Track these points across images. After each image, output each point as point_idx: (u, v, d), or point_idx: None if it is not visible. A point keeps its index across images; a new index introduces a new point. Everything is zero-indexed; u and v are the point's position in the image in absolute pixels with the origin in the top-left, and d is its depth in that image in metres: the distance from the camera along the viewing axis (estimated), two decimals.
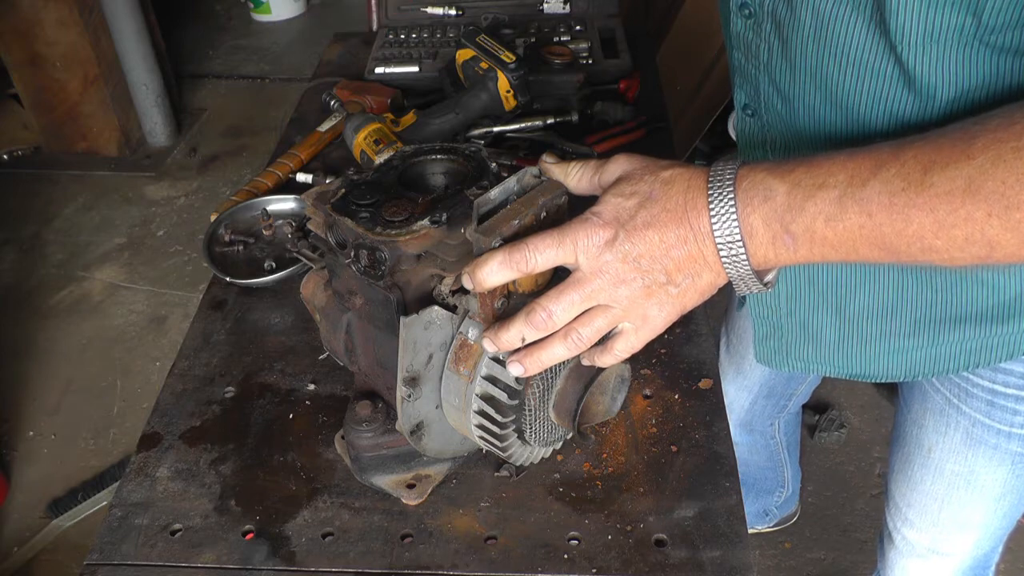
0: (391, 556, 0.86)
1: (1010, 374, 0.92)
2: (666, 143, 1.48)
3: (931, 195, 0.56)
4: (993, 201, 0.55)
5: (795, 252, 0.62)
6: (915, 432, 1.09)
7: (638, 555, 0.84)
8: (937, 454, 1.07)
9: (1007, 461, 1.00)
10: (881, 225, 0.58)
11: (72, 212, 3.26)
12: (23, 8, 3.12)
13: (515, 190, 0.73)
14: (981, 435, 0.99)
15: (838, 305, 0.94)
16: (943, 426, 1.04)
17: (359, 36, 1.87)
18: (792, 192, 0.60)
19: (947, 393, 1.01)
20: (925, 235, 0.58)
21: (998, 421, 0.96)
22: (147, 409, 1.03)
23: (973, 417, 0.99)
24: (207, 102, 3.92)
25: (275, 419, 1.01)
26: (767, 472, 1.76)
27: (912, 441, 1.11)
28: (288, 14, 4.59)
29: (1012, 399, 0.94)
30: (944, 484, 1.09)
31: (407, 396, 0.78)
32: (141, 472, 0.96)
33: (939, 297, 0.87)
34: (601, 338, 0.70)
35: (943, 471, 1.08)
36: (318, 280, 0.91)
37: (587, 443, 0.88)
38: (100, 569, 0.86)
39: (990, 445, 1.00)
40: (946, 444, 1.05)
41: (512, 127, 1.46)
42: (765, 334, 1.05)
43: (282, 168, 1.41)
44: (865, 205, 0.58)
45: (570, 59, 1.53)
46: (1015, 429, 0.96)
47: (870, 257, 0.61)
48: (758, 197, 0.61)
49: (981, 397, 0.96)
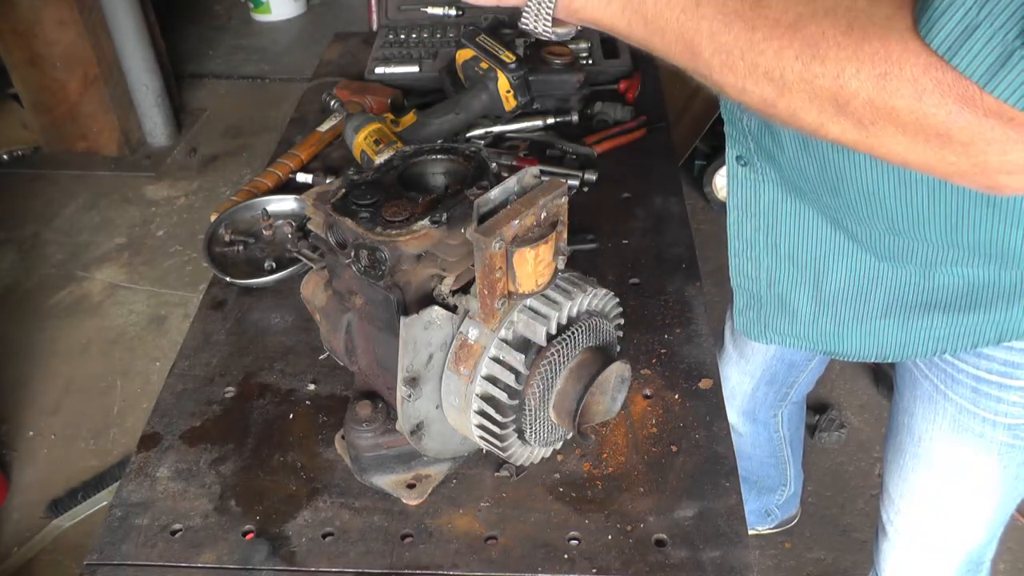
0: (391, 556, 0.86)
1: (992, 360, 0.93)
2: (666, 143, 1.48)
3: (759, 14, 0.56)
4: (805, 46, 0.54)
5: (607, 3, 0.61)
6: (907, 420, 1.10)
7: (638, 555, 0.84)
8: (927, 443, 1.07)
9: (994, 451, 1.01)
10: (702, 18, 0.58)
11: (72, 212, 3.26)
12: (23, 8, 3.12)
13: (515, 190, 0.73)
14: (968, 423, 1.00)
15: (815, 283, 0.97)
16: (932, 413, 1.04)
17: (359, 36, 1.87)
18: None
19: (935, 379, 1.02)
20: (733, 50, 0.57)
21: (983, 409, 0.97)
22: (147, 409, 1.04)
23: (959, 404, 0.99)
24: (207, 102, 3.92)
25: (275, 419, 1.01)
26: (769, 469, 1.76)
27: (904, 430, 1.12)
28: (288, 14, 4.59)
29: (995, 386, 0.94)
30: (934, 474, 1.10)
31: (407, 396, 0.78)
32: (141, 472, 0.96)
33: (910, 282, 0.89)
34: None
35: (933, 461, 1.08)
36: (318, 280, 0.91)
37: (587, 443, 0.88)
38: (100, 569, 0.86)
39: (976, 433, 1.00)
40: (935, 432, 1.05)
41: (512, 127, 1.46)
42: (745, 304, 1.08)
43: (282, 168, 1.41)
44: None
45: (570, 59, 1.53)
46: (999, 417, 0.97)
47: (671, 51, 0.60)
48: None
49: (966, 384, 0.97)
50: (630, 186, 1.36)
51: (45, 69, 3.27)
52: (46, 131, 3.47)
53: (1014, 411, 0.96)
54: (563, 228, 0.75)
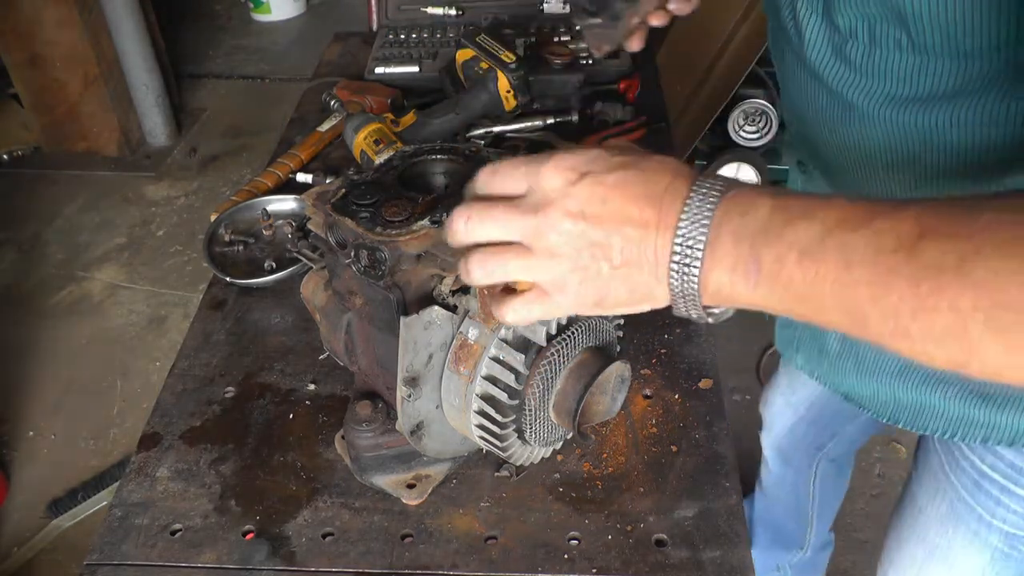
0: (391, 556, 0.86)
1: (1000, 458, 0.88)
2: (666, 143, 1.48)
3: (919, 265, 0.47)
4: (982, 291, 0.45)
5: (754, 288, 0.53)
6: (915, 487, 1.06)
7: (638, 555, 0.84)
8: (924, 518, 1.03)
9: (986, 552, 0.95)
10: (858, 283, 0.49)
11: (72, 212, 3.26)
12: (23, 8, 3.12)
13: None
14: (963, 514, 0.95)
15: None
16: (933, 489, 1.00)
17: (359, 36, 1.87)
18: (774, 214, 0.53)
19: (943, 456, 0.97)
20: (902, 313, 0.48)
21: (981, 505, 0.92)
22: (147, 409, 1.03)
23: (959, 492, 0.95)
24: (207, 102, 3.92)
25: (275, 419, 1.01)
26: (789, 521, 1.63)
27: (908, 495, 1.08)
28: (288, 14, 4.59)
29: (997, 487, 0.89)
30: (924, 551, 1.05)
31: (407, 396, 0.78)
32: (141, 472, 0.96)
33: None
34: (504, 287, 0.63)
35: (926, 537, 1.03)
36: (318, 280, 0.91)
37: (587, 443, 0.88)
38: (100, 569, 0.86)
39: (971, 529, 0.95)
40: (933, 510, 1.01)
41: (512, 127, 1.46)
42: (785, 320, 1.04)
43: (282, 168, 1.41)
44: (847, 252, 0.50)
45: (570, 59, 1.53)
46: (996, 521, 0.91)
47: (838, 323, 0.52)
48: (738, 208, 0.54)
49: (969, 473, 0.92)
50: None
51: (45, 69, 3.27)
52: (46, 131, 3.47)
53: (1012, 519, 0.89)
54: None
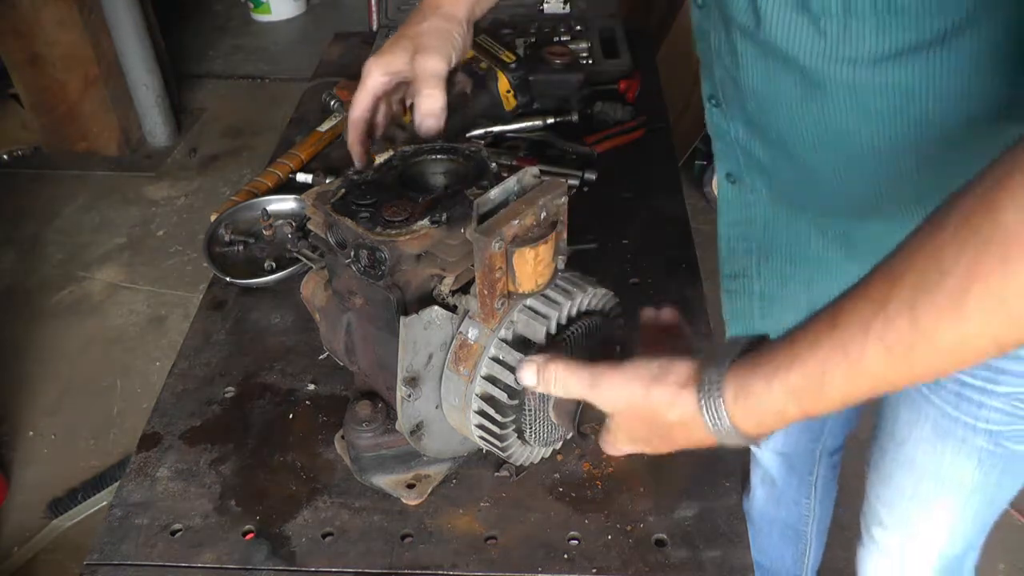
0: (391, 556, 0.86)
1: None
2: (666, 143, 1.48)
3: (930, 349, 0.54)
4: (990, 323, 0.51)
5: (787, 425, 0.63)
6: (890, 425, 1.10)
7: (638, 555, 0.84)
8: (909, 447, 1.07)
9: (974, 456, 1.00)
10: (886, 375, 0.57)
11: (72, 212, 3.26)
12: (23, 8, 3.11)
13: (515, 190, 0.73)
14: (949, 427, 1.00)
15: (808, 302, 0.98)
16: (915, 417, 1.04)
17: (359, 36, 1.87)
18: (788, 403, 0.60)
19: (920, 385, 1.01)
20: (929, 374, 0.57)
21: (965, 413, 0.97)
22: (147, 409, 1.03)
23: (942, 409, 0.99)
24: (207, 102, 3.92)
25: (275, 419, 1.01)
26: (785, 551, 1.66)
27: (886, 434, 1.12)
28: (288, 14, 4.59)
29: (978, 391, 0.94)
30: (914, 478, 1.09)
31: (407, 396, 0.78)
32: (141, 472, 0.96)
33: None
34: None
35: (913, 464, 1.08)
36: (318, 280, 0.91)
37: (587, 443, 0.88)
38: (100, 569, 0.86)
39: (957, 438, 1.00)
40: (917, 435, 1.05)
41: (512, 127, 1.46)
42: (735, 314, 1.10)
43: (282, 168, 1.41)
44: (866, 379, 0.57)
45: (570, 59, 1.53)
46: (980, 423, 0.96)
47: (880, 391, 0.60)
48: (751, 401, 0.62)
49: (950, 388, 0.97)
50: (630, 186, 1.36)
51: (45, 69, 3.27)
52: (46, 131, 3.46)
53: (995, 417, 0.95)
54: (563, 228, 0.75)
